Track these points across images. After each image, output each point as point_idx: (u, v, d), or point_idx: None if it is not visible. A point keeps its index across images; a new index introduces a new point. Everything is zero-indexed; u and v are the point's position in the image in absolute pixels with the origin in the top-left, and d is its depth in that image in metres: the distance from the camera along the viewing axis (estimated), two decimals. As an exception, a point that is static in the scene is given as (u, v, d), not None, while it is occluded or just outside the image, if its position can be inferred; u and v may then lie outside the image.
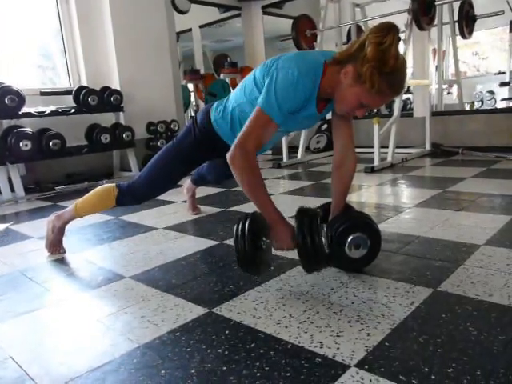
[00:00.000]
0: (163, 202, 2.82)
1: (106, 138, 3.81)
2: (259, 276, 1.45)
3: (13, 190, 3.37)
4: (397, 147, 3.82)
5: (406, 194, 2.77)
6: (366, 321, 1.15)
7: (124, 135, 3.93)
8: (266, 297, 1.35)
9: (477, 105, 6.77)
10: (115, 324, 1.25)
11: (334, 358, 1.00)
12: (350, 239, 1.38)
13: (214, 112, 1.57)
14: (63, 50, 4.14)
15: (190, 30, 6.12)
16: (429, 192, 2.60)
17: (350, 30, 4.94)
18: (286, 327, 1.15)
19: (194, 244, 1.94)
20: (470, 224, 1.92)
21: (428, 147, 4.24)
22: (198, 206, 2.54)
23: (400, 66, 1.21)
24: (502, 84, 6.34)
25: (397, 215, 2.16)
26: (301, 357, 1.01)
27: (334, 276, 1.46)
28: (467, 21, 4.62)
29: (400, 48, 1.23)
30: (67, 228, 1.95)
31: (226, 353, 1.05)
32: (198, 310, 1.29)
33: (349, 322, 1.15)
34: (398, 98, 3.72)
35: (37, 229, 2.39)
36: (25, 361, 1.09)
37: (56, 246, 1.94)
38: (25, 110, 3.41)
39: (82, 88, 3.83)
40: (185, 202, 2.57)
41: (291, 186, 3.22)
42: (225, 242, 1.93)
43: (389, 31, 1.17)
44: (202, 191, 2.93)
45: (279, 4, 5.85)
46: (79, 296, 1.49)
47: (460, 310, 1.17)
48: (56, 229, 1.90)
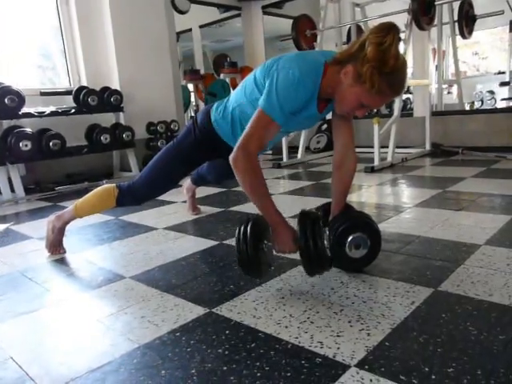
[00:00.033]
0: (163, 202, 2.82)
1: (106, 138, 3.80)
2: (260, 279, 1.45)
3: (13, 190, 3.36)
4: (397, 147, 3.82)
5: (406, 193, 2.77)
6: (366, 321, 1.15)
7: (124, 135, 3.93)
8: (266, 297, 1.35)
9: (477, 105, 6.77)
10: (115, 324, 1.25)
11: (335, 357, 1.00)
12: (350, 239, 1.38)
13: (214, 112, 1.57)
14: (63, 51, 4.14)
15: (190, 30, 6.12)
16: (429, 192, 2.60)
17: (349, 29, 4.94)
18: (286, 327, 1.15)
19: (194, 244, 1.94)
20: (470, 224, 1.92)
21: (428, 147, 4.24)
22: (198, 206, 2.54)
23: (400, 66, 1.20)
24: (502, 84, 6.34)
25: (397, 215, 2.16)
26: (301, 357, 1.01)
27: (334, 276, 1.46)
28: (467, 21, 4.62)
29: (400, 48, 1.23)
30: (67, 228, 1.95)
31: (227, 353, 1.05)
32: (198, 310, 1.29)
33: (349, 322, 1.15)
34: (398, 98, 3.72)
35: (37, 229, 2.39)
36: (25, 361, 1.09)
37: (56, 246, 1.94)
38: (25, 110, 3.41)
39: (81, 88, 3.83)
40: (185, 202, 2.57)
41: (291, 185, 3.22)
42: (225, 242, 1.93)
43: (389, 31, 1.17)
44: (202, 191, 2.93)
45: (279, 4, 5.86)
46: (79, 296, 1.49)
47: (460, 310, 1.17)
48: (56, 229, 1.90)
